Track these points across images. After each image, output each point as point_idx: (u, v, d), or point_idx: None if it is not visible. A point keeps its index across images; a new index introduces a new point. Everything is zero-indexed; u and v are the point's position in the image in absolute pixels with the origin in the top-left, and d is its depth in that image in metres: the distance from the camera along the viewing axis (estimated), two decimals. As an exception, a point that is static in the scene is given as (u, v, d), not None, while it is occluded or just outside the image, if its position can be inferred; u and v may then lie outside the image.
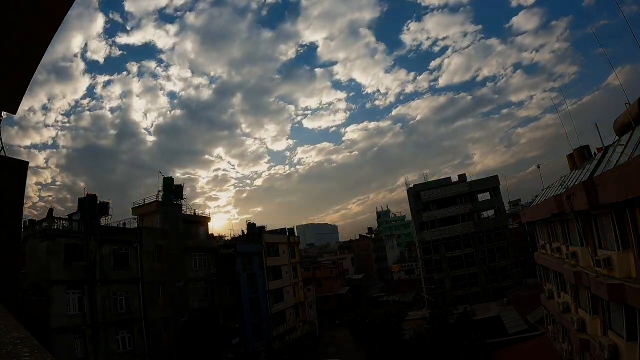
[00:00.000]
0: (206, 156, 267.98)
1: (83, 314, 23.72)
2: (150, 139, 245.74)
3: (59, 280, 22.94)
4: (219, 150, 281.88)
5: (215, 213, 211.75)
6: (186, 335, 30.15)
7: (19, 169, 6.60)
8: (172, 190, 34.10)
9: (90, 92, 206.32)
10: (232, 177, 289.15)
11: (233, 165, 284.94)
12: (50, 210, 24.87)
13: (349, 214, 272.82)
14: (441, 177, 57.09)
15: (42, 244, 23.19)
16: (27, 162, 6.94)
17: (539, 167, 63.29)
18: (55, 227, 23.87)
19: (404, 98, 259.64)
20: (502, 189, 52.38)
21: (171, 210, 33.20)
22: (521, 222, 38.91)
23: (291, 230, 54.65)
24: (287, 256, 48.48)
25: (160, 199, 32.99)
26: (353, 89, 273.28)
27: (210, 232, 39.77)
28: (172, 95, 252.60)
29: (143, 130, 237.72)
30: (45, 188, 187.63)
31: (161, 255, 30.20)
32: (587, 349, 14.46)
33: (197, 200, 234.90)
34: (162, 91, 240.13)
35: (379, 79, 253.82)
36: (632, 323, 11.16)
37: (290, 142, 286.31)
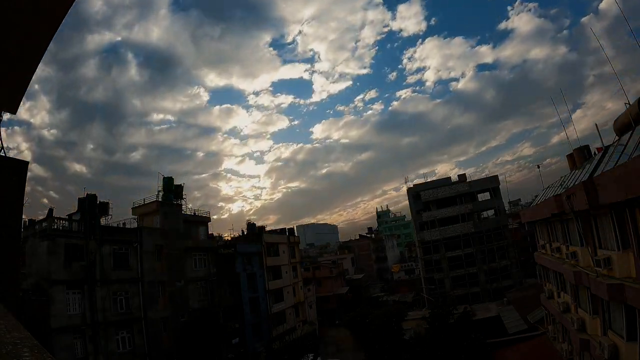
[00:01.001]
0: (269, 51, 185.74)
1: (83, 314, 23.72)
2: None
3: (59, 280, 22.93)
4: (306, 21, 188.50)
5: (241, 190, 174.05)
6: (186, 335, 30.15)
7: (18, 169, 6.61)
8: (172, 190, 34.27)
9: None
10: (288, 115, 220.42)
11: (314, 73, 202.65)
12: (51, 210, 24.89)
13: (393, 196, 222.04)
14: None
15: (42, 244, 23.20)
16: (27, 162, 6.95)
17: (539, 167, 63.33)
18: (55, 227, 23.88)
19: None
20: (502, 189, 52.58)
21: (171, 210, 33.26)
22: (521, 222, 38.92)
23: (291, 230, 55.09)
24: (287, 256, 48.46)
25: (160, 199, 33.10)
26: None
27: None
28: None
29: None
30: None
31: (161, 255, 30.20)
32: (587, 349, 14.46)
33: (226, 164, 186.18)
34: None
35: None
36: (632, 323, 11.15)
37: (423, 25, 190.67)
